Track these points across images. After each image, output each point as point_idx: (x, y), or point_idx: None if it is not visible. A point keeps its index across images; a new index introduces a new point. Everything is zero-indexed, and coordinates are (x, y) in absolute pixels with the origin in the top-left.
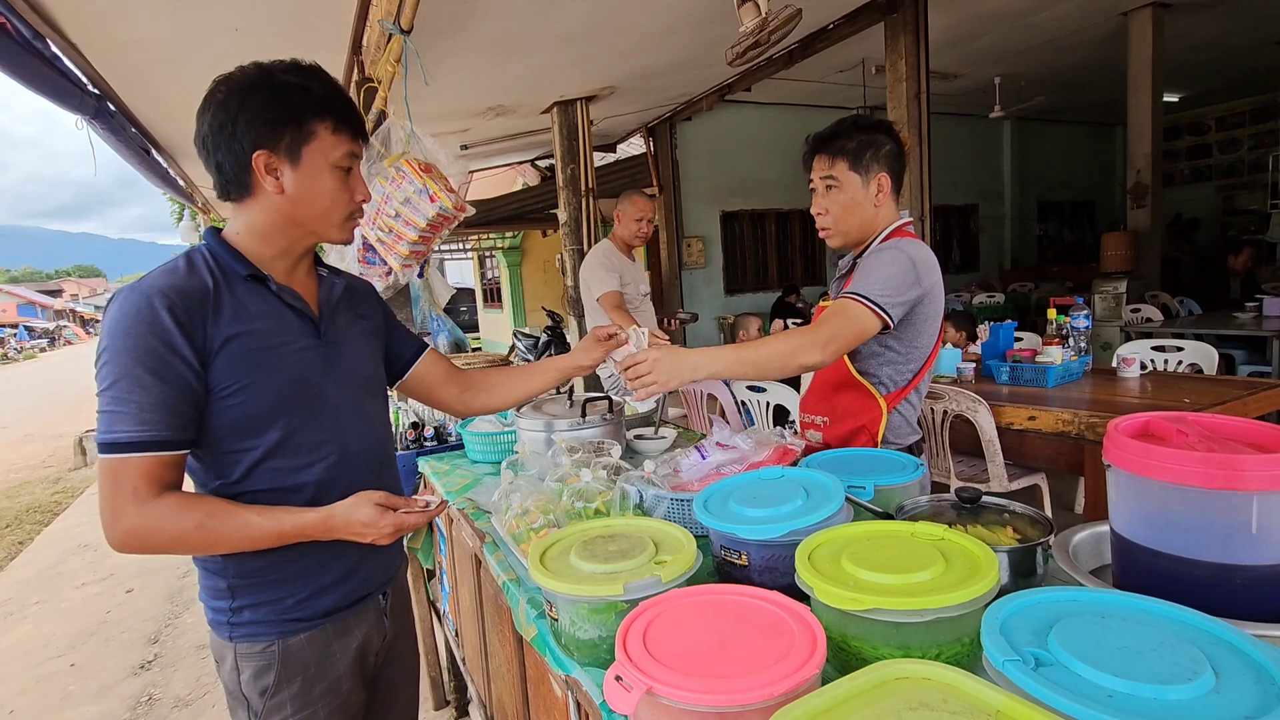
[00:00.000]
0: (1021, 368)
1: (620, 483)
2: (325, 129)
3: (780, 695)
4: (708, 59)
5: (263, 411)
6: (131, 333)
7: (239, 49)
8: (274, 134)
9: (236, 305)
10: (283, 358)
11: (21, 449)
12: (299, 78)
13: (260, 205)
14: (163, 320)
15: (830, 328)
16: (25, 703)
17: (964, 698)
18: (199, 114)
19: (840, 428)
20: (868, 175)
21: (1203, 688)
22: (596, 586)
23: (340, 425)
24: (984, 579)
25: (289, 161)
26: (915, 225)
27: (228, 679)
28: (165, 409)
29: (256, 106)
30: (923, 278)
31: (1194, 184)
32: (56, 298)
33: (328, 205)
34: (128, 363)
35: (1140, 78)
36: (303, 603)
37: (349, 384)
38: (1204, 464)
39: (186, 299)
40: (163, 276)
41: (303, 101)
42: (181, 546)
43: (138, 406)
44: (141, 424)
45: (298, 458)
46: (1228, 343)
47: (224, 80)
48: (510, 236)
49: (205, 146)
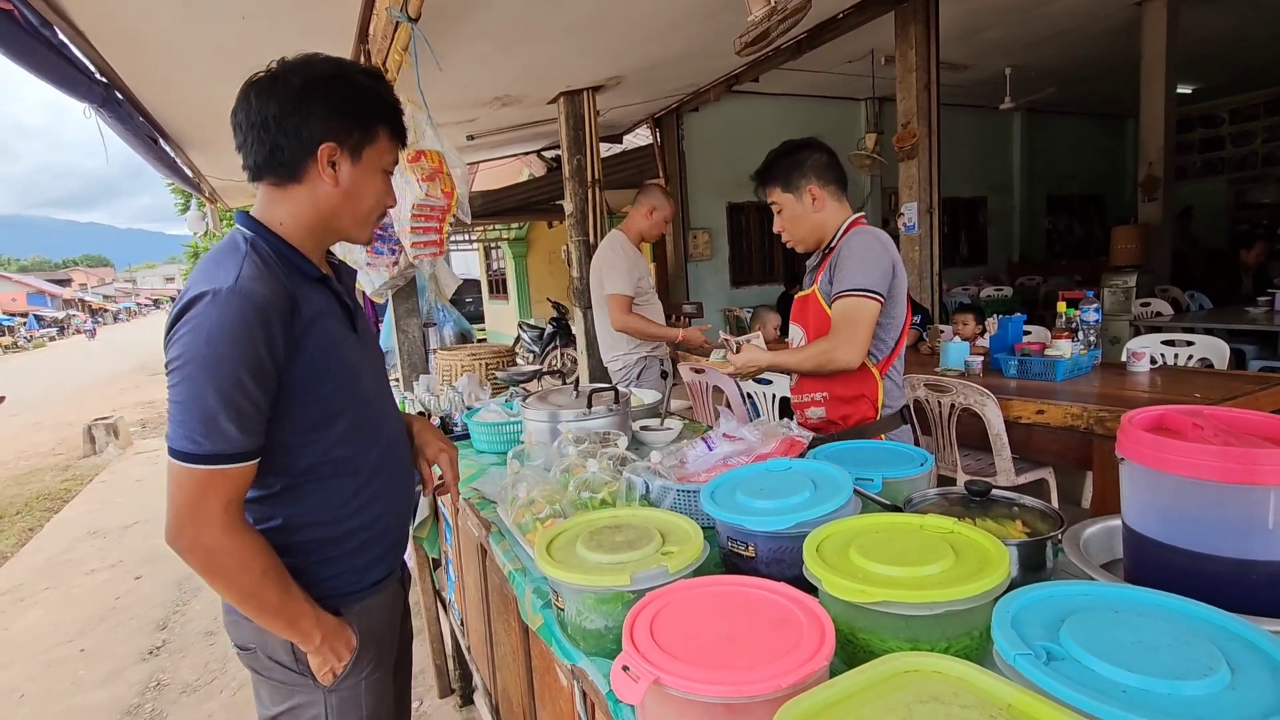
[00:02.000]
0: (1030, 361)
1: (626, 473)
2: (385, 135)
3: (789, 687)
4: (715, 49)
5: (334, 404)
6: (238, 339)
7: (247, 37)
8: (345, 130)
9: (307, 305)
10: (342, 351)
11: (31, 437)
12: (372, 82)
13: (309, 194)
14: (267, 329)
15: (852, 333)
16: (36, 687)
17: (975, 691)
18: (258, 95)
19: (842, 401)
20: (799, 192)
21: (1218, 684)
22: (603, 577)
23: (382, 411)
24: (994, 572)
25: (350, 158)
26: (923, 217)
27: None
28: (262, 418)
29: (336, 101)
30: (889, 249)
31: (1206, 177)
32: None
33: (372, 205)
34: (233, 370)
35: (1153, 69)
36: (358, 574)
37: (379, 372)
38: (1221, 458)
39: (280, 305)
40: (251, 281)
41: (375, 105)
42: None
43: (239, 414)
44: (244, 433)
45: (358, 445)
46: (1239, 337)
47: (297, 68)
48: (516, 228)
49: (265, 127)
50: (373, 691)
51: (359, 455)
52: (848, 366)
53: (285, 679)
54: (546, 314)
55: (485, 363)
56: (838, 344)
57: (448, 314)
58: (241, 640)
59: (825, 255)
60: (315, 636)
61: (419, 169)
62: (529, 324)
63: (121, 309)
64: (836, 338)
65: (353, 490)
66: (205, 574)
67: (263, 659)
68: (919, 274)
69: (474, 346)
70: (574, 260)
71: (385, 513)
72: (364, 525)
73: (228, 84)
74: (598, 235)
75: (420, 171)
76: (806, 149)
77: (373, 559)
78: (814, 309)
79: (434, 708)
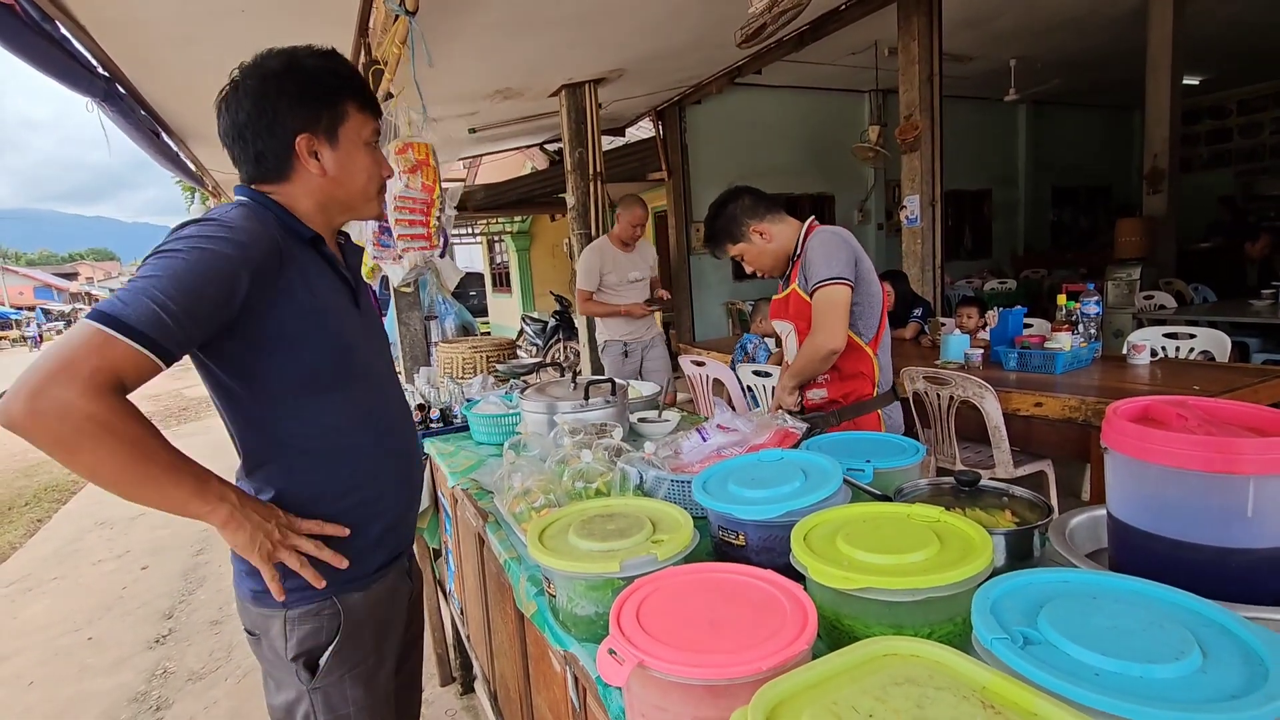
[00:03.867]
0: (1029, 354)
1: (621, 464)
2: (354, 108)
3: (769, 669)
4: (717, 40)
5: (325, 370)
6: (204, 247)
7: (246, 30)
8: (313, 117)
9: (298, 264)
10: (338, 321)
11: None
12: (325, 60)
13: (301, 188)
14: (242, 251)
15: (829, 318)
16: (44, 674)
17: (951, 674)
18: (226, 106)
19: (842, 380)
20: (746, 237)
21: (1189, 667)
22: (593, 564)
23: (385, 393)
24: (977, 560)
25: (328, 142)
26: (925, 210)
27: (273, 650)
28: (199, 327)
29: (294, 91)
30: (848, 241)
31: (1213, 169)
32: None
33: (365, 181)
34: (190, 274)
35: (1159, 59)
36: (359, 558)
37: (383, 352)
38: (1201, 447)
39: (260, 241)
40: (237, 219)
41: (334, 83)
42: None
43: (180, 308)
44: (172, 326)
45: (353, 419)
46: (1242, 330)
47: (252, 69)
48: (519, 221)
49: (242, 137)
50: (361, 684)
51: (355, 431)
52: (835, 348)
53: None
54: (550, 307)
55: (486, 355)
56: (817, 333)
57: (449, 307)
58: (250, 624)
59: (795, 260)
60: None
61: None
62: (532, 317)
63: None
64: (815, 328)
65: (349, 468)
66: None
67: (265, 649)
68: (921, 267)
69: (474, 339)
70: (576, 253)
71: (382, 495)
72: (361, 504)
73: (228, 77)
74: (599, 228)
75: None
76: (730, 202)
77: (369, 543)
78: (796, 303)
79: (435, 696)
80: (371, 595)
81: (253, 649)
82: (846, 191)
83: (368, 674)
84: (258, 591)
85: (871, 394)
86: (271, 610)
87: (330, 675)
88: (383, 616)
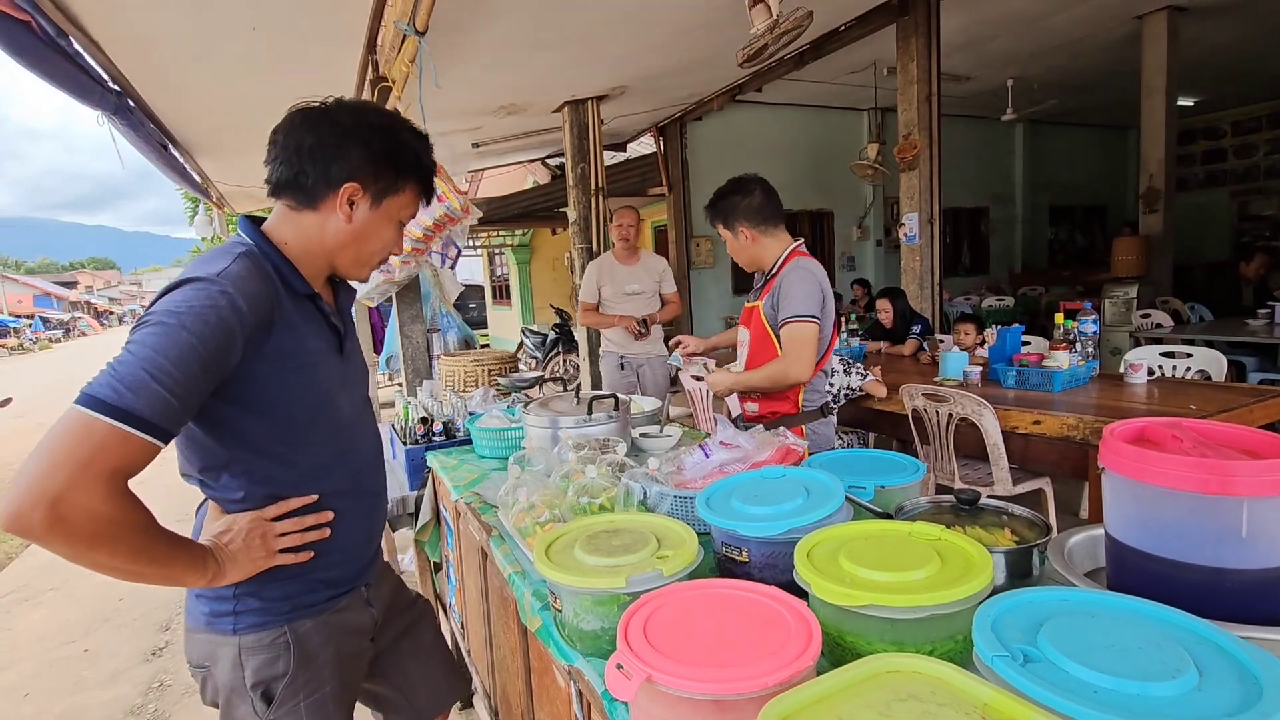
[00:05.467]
0: (1028, 372)
1: (625, 479)
2: (412, 189)
3: (775, 685)
4: (719, 59)
5: (301, 423)
6: (205, 318)
7: (257, 47)
8: (374, 177)
9: (291, 319)
10: (317, 372)
11: (36, 438)
12: (417, 141)
13: (320, 223)
14: (240, 320)
15: (803, 352)
16: (40, 686)
17: (953, 691)
18: (304, 119)
19: (770, 399)
20: (735, 231)
21: (1186, 685)
22: (600, 579)
23: (358, 436)
24: (978, 578)
25: (371, 202)
26: (924, 227)
27: (226, 679)
28: (198, 402)
29: (377, 150)
30: (822, 283)
31: (1208, 189)
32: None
33: (377, 249)
34: (190, 341)
35: (1154, 81)
36: (308, 589)
37: (357, 397)
38: (1197, 469)
39: (258, 306)
40: (239, 279)
41: (412, 164)
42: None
43: (185, 390)
44: (178, 409)
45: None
46: (1238, 349)
47: (354, 110)
48: (520, 234)
49: (299, 151)
50: (317, 713)
51: (323, 474)
52: (800, 380)
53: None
54: (549, 320)
55: (488, 368)
56: (789, 364)
57: (451, 320)
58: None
59: (769, 279)
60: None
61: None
62: (532, 330)
63: (126, 311)
64: (788, 359)
65: (314, 509)
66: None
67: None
68: (919, 284)
69: (477, 352)
70: (577, 267)
71: (339, 530)
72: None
73: (238, 91)
74: (600, 242)
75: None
76: (739, 193)
77: (323, 580)
78: (756, 320)
79: None
80: (324, 623)
81: (202, 688)
82: (845, 208)
83: (321, 703)
84: (213, 614)
85: (795, 413)
86: (223, 637)
87: (283, 705)
88: (338, 646)
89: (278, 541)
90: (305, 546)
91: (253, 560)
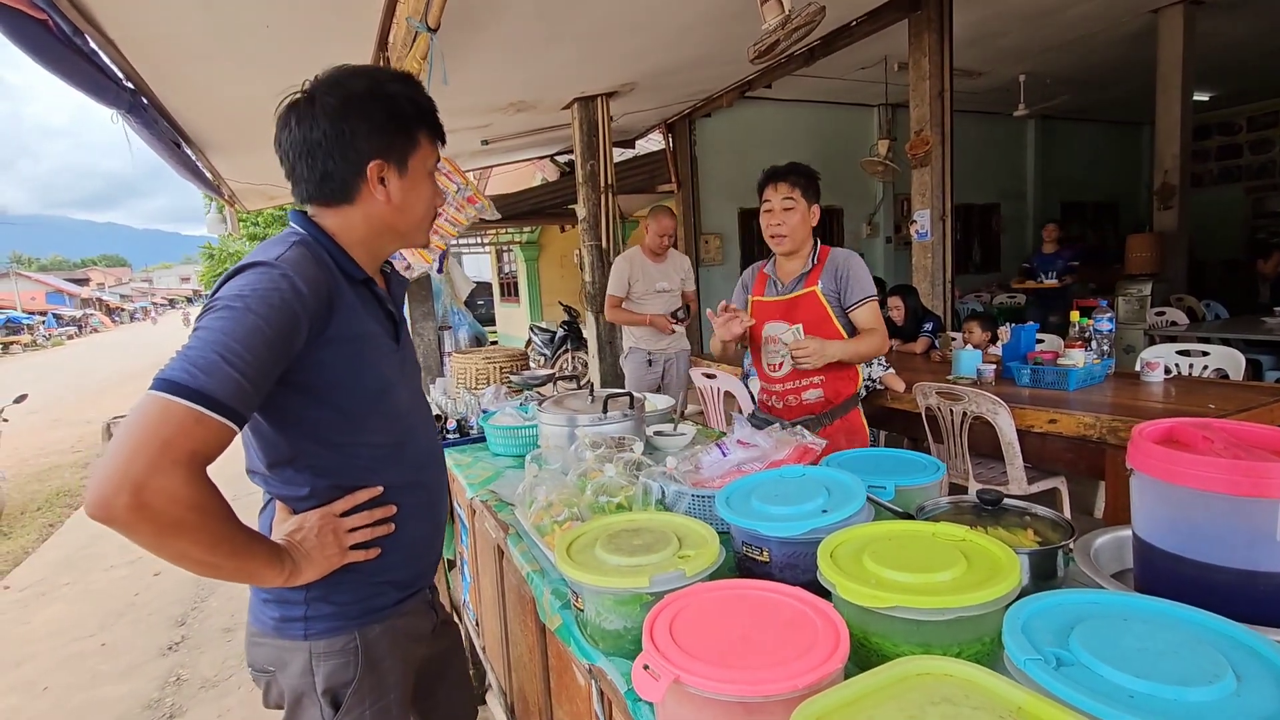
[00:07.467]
0: (1043, 370)
1: (642, 478)
2: (426, 138)
3: (805, 688)
4: (729, 55)
5: (363, 412)
6: (269, 300)
7: (270, 44)
8: (390, 144)
9: (351, 303)
10: (377, 360)
11: (50, 434)
12: (406, 87)
13: (362, 212)
14: (302, 302)
15: (882, 327)
16: (57, 680)
17: (986, 694)
18: (298, 120)
19: (836, 380)
20: (810, 204)
21: (1224, 690)
22: (623, 579)
23: (414, 427)
24: (1005, 580)
25: (398, 171)
26: (935, 224)
27: (295, 683)
28: (268, 384)
29: (378, 117)
30: None
31: (1223, 185)
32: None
33: (424, 211)
34: (257, 323)
35: (1170, 76)
36: (377, 593)
37: (415, 386)
38: (1229, 471)
39: (318, 289)
40: (297, 264)
41: (413, 111)
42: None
43: (256, 371)
44: (251, 392)
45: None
46: (1255, 348)
47: (331, 87)
48: (528, 231)
49: (311, 154)
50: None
51: (385, 468)
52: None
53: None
54: (558, 317)
55: (499, 366)
56: (880, 337)
57: (462, 317)
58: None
59: (814, 266)
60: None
61: None
62: (540, 327)
63: (138, 308)
64: (878, 332)
65: (375, 503)
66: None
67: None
68: (931, 281)
69: (488, 350)
70: (586, 264)
71: (404, 528)
72: (385, 541)
73: (251, 89)
74: (610, 239)
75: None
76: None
77: (391, 581)
78: (813, 304)
79: None
80: (390, 628)
81: (265, 691)
82: (855, 205)
83: (385, 710)
84: (283, 619)
85: (855, 392)
86: (293, 643)
87: (350, 713)
88: (403, 652)
89: (349, 538)
90: (373, 543)
91: (327, 558)
